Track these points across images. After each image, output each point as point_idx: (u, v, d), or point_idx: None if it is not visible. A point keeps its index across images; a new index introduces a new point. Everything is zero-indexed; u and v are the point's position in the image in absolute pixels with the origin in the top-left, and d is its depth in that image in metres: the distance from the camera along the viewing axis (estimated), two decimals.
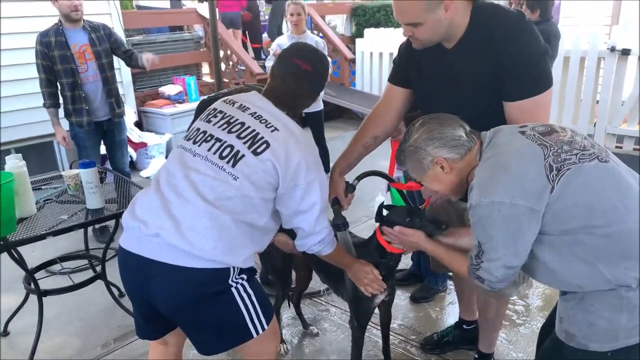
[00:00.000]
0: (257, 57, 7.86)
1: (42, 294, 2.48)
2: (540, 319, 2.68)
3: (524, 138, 1.38)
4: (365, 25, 8.12)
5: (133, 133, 5.37)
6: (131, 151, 5.19)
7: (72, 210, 2.49)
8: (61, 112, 3.65)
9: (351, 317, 2.11)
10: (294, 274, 2.52)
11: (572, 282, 1.34)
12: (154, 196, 1.53)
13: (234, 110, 1.62)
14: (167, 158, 1.65)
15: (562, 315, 1.41)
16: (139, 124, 5.82)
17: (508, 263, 1.35)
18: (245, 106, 1.62)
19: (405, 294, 2.98)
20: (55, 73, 3.51)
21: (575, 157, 1.30)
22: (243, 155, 1.51)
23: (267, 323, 1.60)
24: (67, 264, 3.04)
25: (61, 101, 3.63)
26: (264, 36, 8.65)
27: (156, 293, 1.50)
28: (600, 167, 1.30)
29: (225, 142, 1.54)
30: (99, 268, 2.79)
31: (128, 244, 1.53)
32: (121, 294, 2.87)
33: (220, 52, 6.07)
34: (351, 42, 8.13)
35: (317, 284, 2.78)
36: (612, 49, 5.29)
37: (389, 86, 1.99)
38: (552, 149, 1.32)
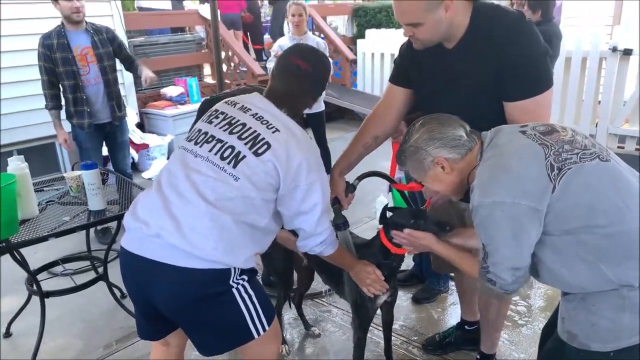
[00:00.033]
0: (258, 58, 7.86)
1: (44, 295, 2.49)
2: (542, 319, 2.67)
3: (525, 138, 1.37)
4: (366, 26, 8.13)
5: (135, 134, 5.38)
6: (133, 152, 5.20)
7: (74, 212, 2.49)
8: (63, 113, 3.66)
9: (353, 318, 2.10)
10: (295, 275, 2.53)
11: (574, 283, 1.33)
12: (155, 197, 1.53)
13: (236, 112, 1.62)
14: (169, 159, 1.66)
15: (564, 316, 1.40)
16: (140, 126, 5.83)
17: (513, 265, 1.35)
18: (246, 107, 1.62)
19: (407, 295, 2.98)
20: (57, 75, 3.51)
21: (577, 157, 1.30)
22: (244, 156, 1.51)
23: (268, 324, 1.60)
24: (69, 266, 3.04)
25: (63, 103, 3.63)
26: (266, 37, 8.65)
27: (157, 293, 1.50)
28: (601, 166, 1.30)
29: (226, 143, 1.54)
30: (101, 269, 2.79)
31: (129, 244, 1.53)
32: (123, 295, 2.87)
33: (222, 54, 6.10)
34: (352, 43, 8.14)
35: (319, 285, 2.78)
36: (614, 49, 5.28)
37: (390, 86, 1.99)
38: (552, 148, 1.32)
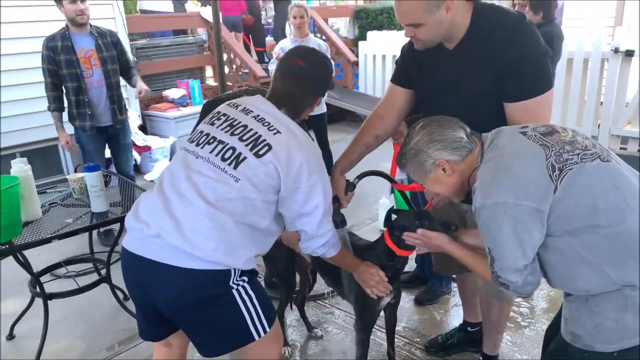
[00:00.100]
0: (260, 60, 7.88)
1: (47, 297, 2.50)
2: (545, 320, 2.67)
3: (525, 139, 1.37)
4: (368, 27, 8.13)
5: (137, 137, 5.40)
6: (135, 155, 5.20)
7: (77, 214, 2.50)
8: (65, 116, 3.67)
9: (356, 320, 2.10)
10: (298, 277, 2.52)
11: (578, 286, 1.33)
12: (156, 197, 1.54)
13: (238, 113, 1.63)
14: (171, 160, 1.66)
15: (567, 317, 1.40)
16: (143, 128, 5.84)
17: (517, 266, 1.34)
18: (248, 109, 1.63)
19: (409, 297, 2.98)
20: (60, 77, 3.52)
21: (577, 157, 1.30)
22: (245, 158, 1.51)
23: (269, 326, 1.59)
24: (72, 268, 3.05)
25: (66, 105, 3.65)
26: (268, 39, 8.66)
27: (157, 294, 1.51)
28: (602, 166, 1.30)
29: (227, 144, 1.55)
30: (103, 271, 2.79)
31: (130, 244, 1.53)
32: (126, 297, 2.88)
33: (224, 56, 6.11)
34: (354, 44, 8.14)
35: (321, 286, 2.78)
36: (616, 50, 5.28)
37: (391, 86, 2.00)
38: (553, 149, 1.32)
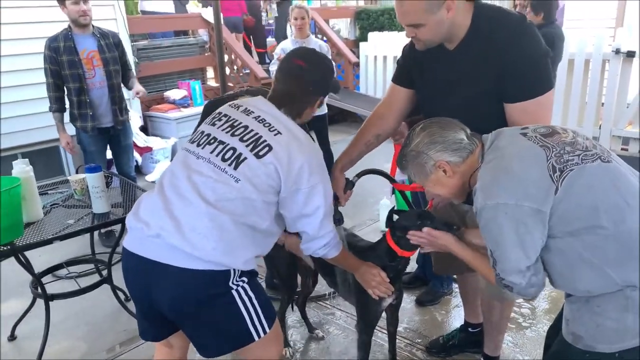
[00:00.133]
0: (261, 61, 7.89)
1: (48, 298, 2.50)
2: (547, 321, 2.67)
3: (526, 140, 1.37)
4: (369, 28, 8.13)
5: (138, 137, 5.40)
6: (136, 155, 5.21)
7: (78, 215, 2.50)
8: (67, 116, 3.68)
9: (358, 321, 2.10)
10: (299, 278, 2.53)
11: (579, 287, 1.33)
12: (156, 197, 1.54)
13: (239, 114, 1.63)
14: (172, 160, 1.66)
15: (568, 317, 1.40)
16: (144, 129, 5.84)
17: (520, 267, 1.33)
18: (249, 110, 1.63)
19: (410, 297, 2.97)
20: (62, 78, 3.53)
21: (578, 158, 1.30)
22: (245, 158, 1.52)
23: (269, 326, 1.59)
24: (73, 269, 3.05)
25: (67, 105, 3.65)
26: (270, 40, 8.66)
27: (157, 294, 1.51)
28: (602, 167, 1.30)
29: (228, 144, 1.55)
30: (105, 272, 2.80)
31: (131, 245, 1.54)
32: (127, 298, 2.88)
33: (225, 57, 6.12)
34: (355, 45, 8.14)
35: (322, 287, 2.78)
36: (617, 51, 5.27)
37: (392, 86, 2.00)
38: (554, 150, 1.32)
